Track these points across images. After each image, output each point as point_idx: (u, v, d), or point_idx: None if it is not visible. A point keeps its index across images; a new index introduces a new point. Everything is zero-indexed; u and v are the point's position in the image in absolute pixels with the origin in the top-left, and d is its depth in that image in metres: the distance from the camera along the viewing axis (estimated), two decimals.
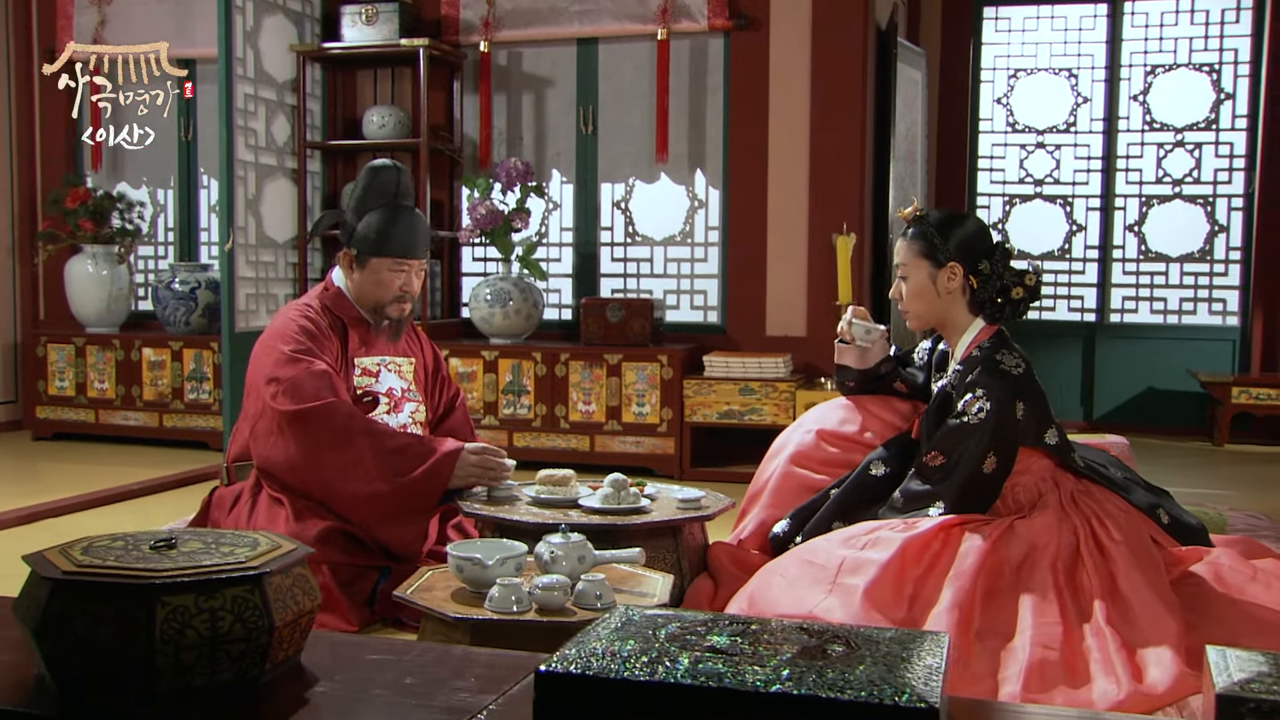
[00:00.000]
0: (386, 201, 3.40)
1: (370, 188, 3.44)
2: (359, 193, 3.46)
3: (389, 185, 3.44)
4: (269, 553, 1.43)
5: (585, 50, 5.99)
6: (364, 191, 3.45)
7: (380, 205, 3.40)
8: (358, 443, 3.10)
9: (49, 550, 1.44)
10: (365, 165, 3.54)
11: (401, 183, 3.46)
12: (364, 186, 3.45)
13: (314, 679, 1.42)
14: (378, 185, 3.43)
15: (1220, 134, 7.26)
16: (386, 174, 3.45)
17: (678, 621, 1.32)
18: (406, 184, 3.48)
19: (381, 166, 3.48)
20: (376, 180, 3.44)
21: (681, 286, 6.02)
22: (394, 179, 3.45)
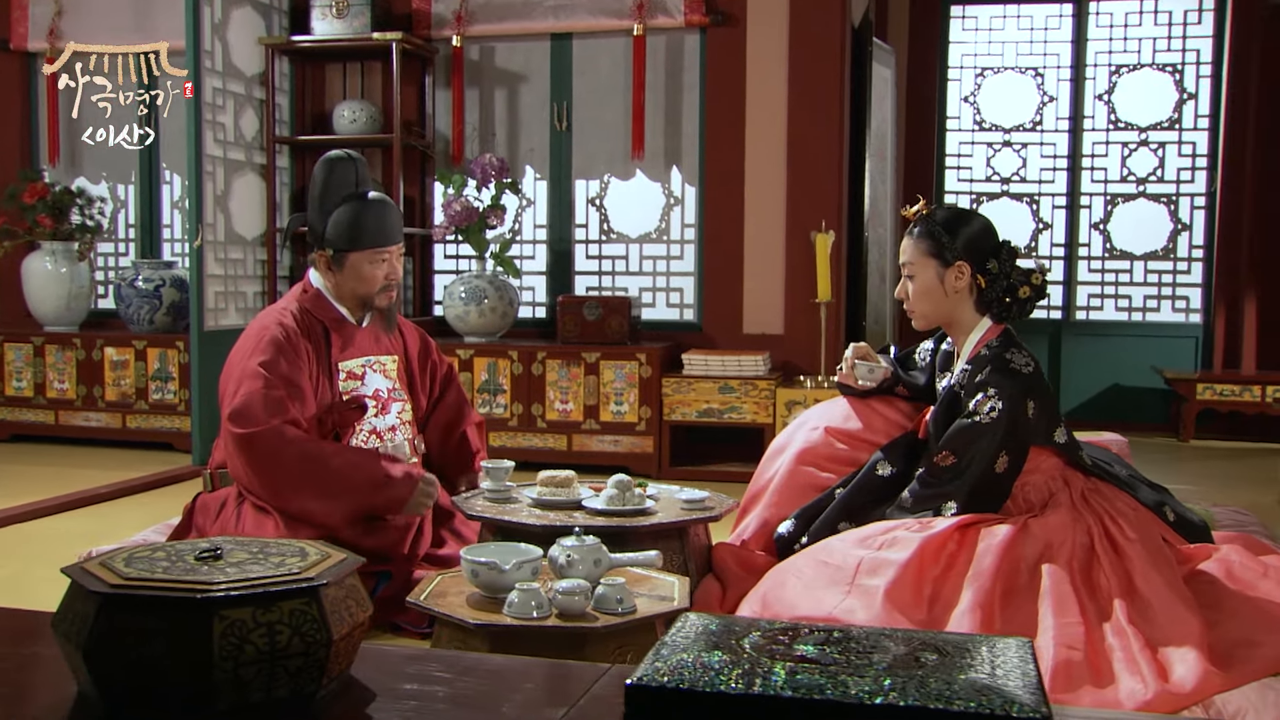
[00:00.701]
0: (348, 194, 3.30)
1: (329, 183, 3.30)
2: (318, 190, 3.31)
3: (348, 177, 3.31)
4: (321, 562, 1.37)
5: (559, 45, 5.93)
6: (323, 188, 3.31)
7: (344, 199, 3.29)
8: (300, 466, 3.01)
9: (87, 563, 1.37)
10: (320, 160, 3.37)
11: (360, 172, 3.34)
12: (322, 183, 3.30)
13: (370, 694, 1.36)
14: (336, 179, 3.30)
15: (1183, 133, 7.35)
16: (342, 166, 3.32)
17: (757, 630, 1.28)
18: (364, 173, 3.37)
19: (336, 159, 3.33)
20: (334, 174, 3.30)
21: (657, 284, 5.99)
22: (351, 170, 3.32)
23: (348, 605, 1.37)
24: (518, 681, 1.42)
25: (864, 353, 3.11)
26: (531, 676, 1.46)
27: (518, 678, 1.43)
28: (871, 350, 3.15)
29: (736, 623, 1.31)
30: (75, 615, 1.29)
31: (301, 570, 1.33)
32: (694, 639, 1.25)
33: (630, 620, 2.24)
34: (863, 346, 3.13)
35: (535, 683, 1.42)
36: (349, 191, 3.26)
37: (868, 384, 3.09)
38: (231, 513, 3.12)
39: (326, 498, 2.99)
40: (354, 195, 3.26)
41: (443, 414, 3.58)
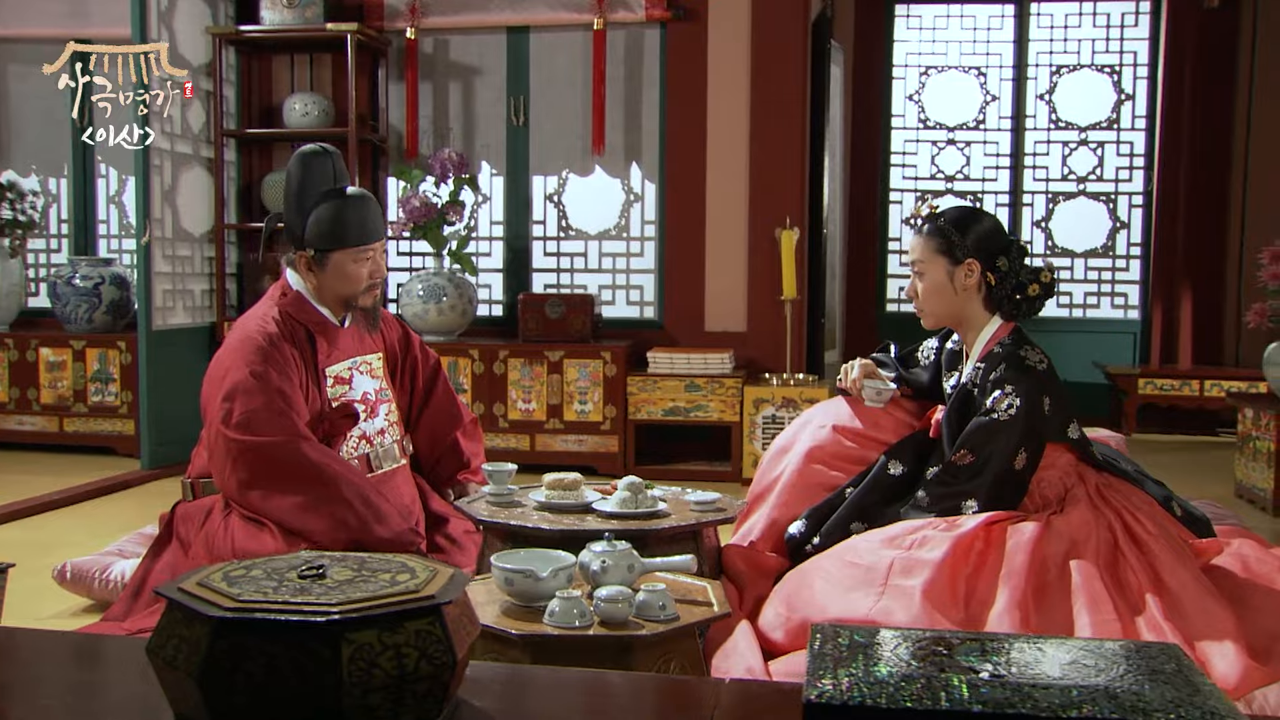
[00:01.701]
0: (327, 190, 3.16)
1: (306, 180, 3.15)
2: (295, 187, 3.16)
3: (325, 172, 3.17)
4: (435, 579, 1.29)
5: (516, 39, 5.83)
6: (300, 185, 3.15)
7: (322, 196, 3.15)
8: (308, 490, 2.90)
9: (184, 582, 1.27)
10: (294, 155, 3.22)
11: (337, 167, 3.20)
12: (299, 179, 3.15)
13: (488, 716, 1.29)
14: (313, 175, 3.15)
15: (1121, 133, 7.50)
16: (319, 162, 3.17)
17: (909, 640, 1.23)
18: (341, 167, 3.23)
19: (311, 154, 3.17)
20: (310, 170, 3.15)
21: (617, 282, 5.92)
22: (328, 165, 3.18)
23: (463, 623, 1.30)
24: (630, 696, 1.35)
25: (870, 371, 3.07)
26: (643, 692, 1.39)
27: (629, 693, 1.37)
28: (876, 368, 3.11)
29: (885, 633, 1.26)
30: (182, 641, 1.20)
31: (420, 588, 1.25)
32: (845, 652, 1.20)
33: (675, 627, 2.18)
34: (869, 365, 3.09)
35: (650, 698, 1.36)
36: (327, 188, 3.13)
37: (875, 406, 3.05)
38: (218, 524, 2.99)
39: (330, 522, 2.88)
40: (333, 192, 3.13)
41: (432, 416, 3.47)
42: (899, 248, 7.71)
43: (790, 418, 5.16)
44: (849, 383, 3.06)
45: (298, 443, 2.92)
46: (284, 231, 3.20)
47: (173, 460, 5.33)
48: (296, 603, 1.18)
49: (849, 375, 3.07)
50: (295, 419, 2.96)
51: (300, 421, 2.98)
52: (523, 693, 1.33)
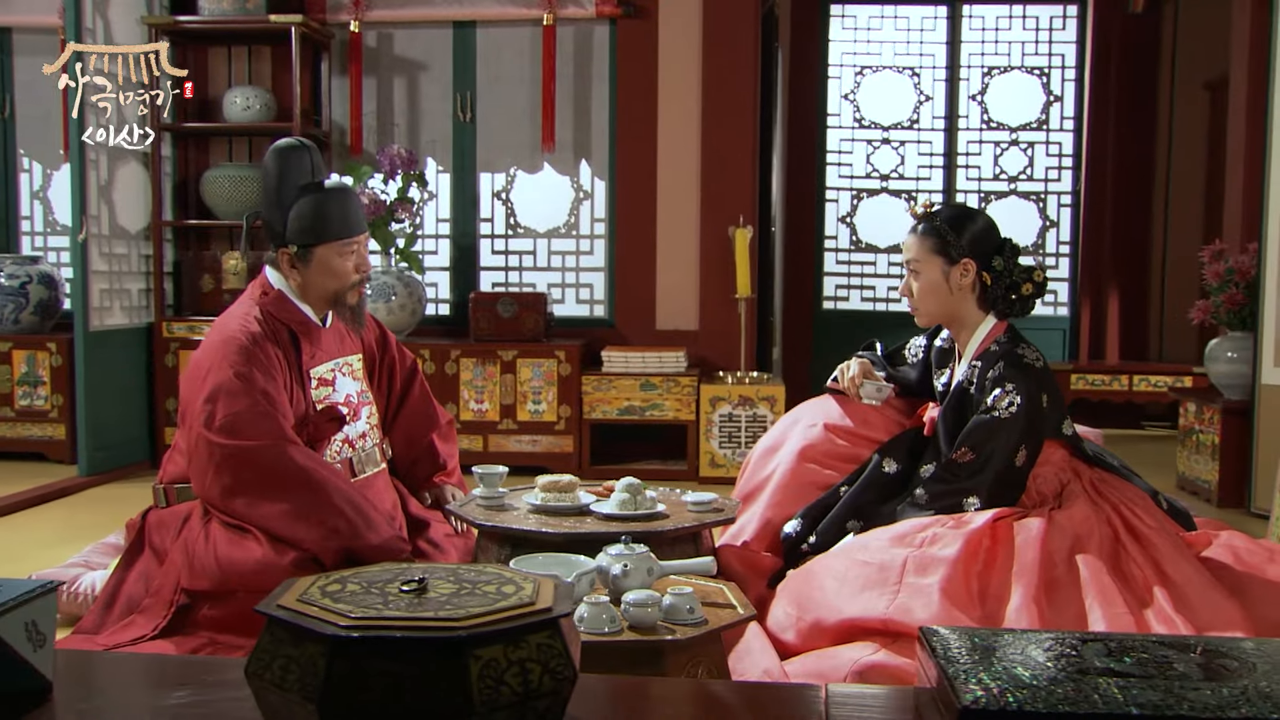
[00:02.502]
0: (305, 184, 3.08)
1: (285, 174, 3.05)
2: (273, 183, 3.06)
3: (304, 166, 3.09)
4: (543, 589, 1.25)
5: (462, 34, 5.74)
6: (279, 180, 3.06)
7: (301, 190, 3.06)
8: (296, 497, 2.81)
9: (280, 599, 1.21)
10: (270, 150, 3.12)
11: (314, 160, 3.12)
12: (277, 174, 3.06)
13: None
14: (293, 170, 3.06)
15: (1050, 134, 7.66)
16: (297, 156, 3.08)
17: (1032, 641, 1.22)
18: (319, 161, 3.15)
19: (288, 149, 3.08)
20: (288, 165, 3.06)
21: (567, 280, 5.87)
22: (306, 159, 3.09)
23: (573, 635, 1.26)
24: (743, 707, 1.32)
25: (868, 370, 3.08)
26: (748, 700, 1.36)
27: (738, 702, 1.34)
28: (872, 368, 3.11)
29: (1006, 634, 1.25)
30: (291, 661, 1.14)
31: (533, 600, 1.21)
32: (970, 655, 1.19)
33: (706, 631, 2.15)
34: (867, 364, 3.10)
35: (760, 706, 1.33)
36: (305, 182, 3.04)
37: (873, 403, 3.05)
38: (198, 531, 2.87)
39: (321, 531, 2.78)
40: (312, 185, 3.04)
41: (408, 417, 3.39)
42: (835, 246, 7.78)
43: (747, 416, 5.17)
44: (846, 381, 3.05)
45: (284, 446, 2.82)
46: (263, 229, 3.09)
47: (111, 466, 5.15)
48: (419, 618, 1.13)
49: (846, 374, 3.06)
50: (281, 422, 2.86)
51: (286, 424, 2.88)
52: (631, 705, 1.29)
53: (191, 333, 5.39)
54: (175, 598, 2.84)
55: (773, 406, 5.17)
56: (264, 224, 3.09)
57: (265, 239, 3.11)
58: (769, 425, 5.14)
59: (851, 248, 7.79)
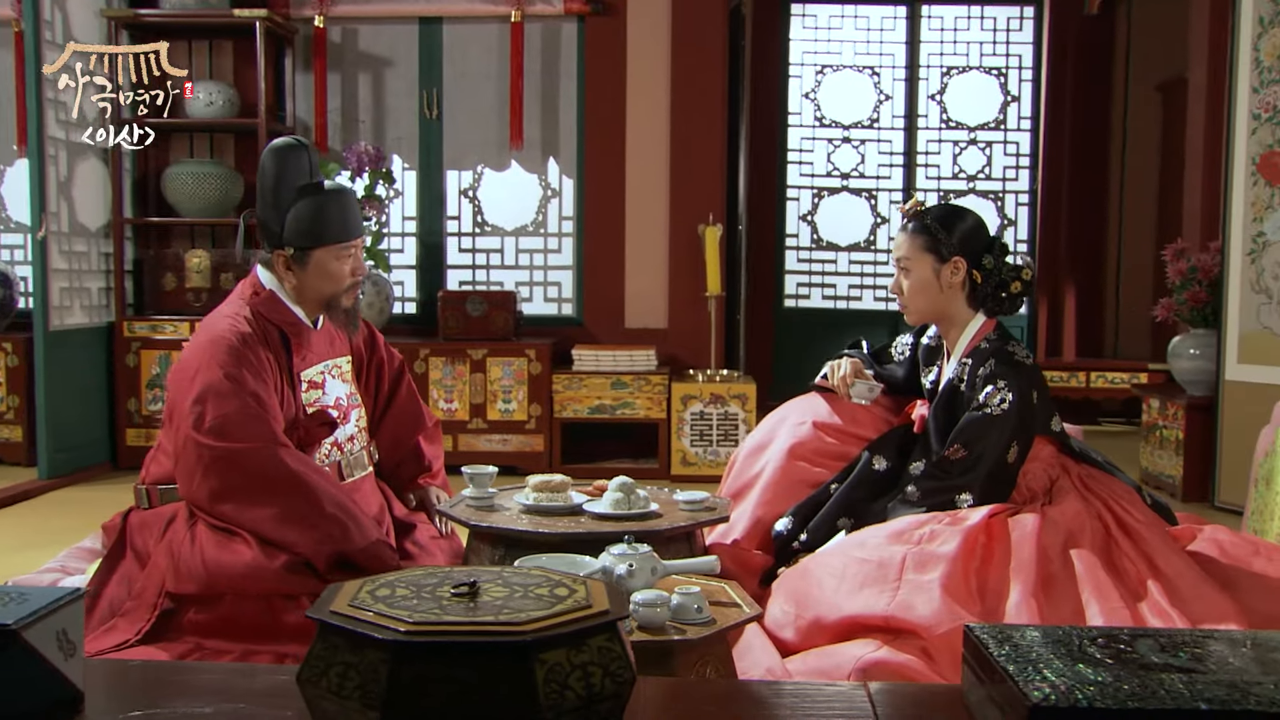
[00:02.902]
0: (304, 185, 3.03)
1: (283, 174, 2.99)
2: (270, 183, 2.99)
3: (302, 166, 3.03)
4: (596, 593, 1.23)
5: (428, 30, 5.70)
6: (276, 181, 3.00)
7: (300, 191, 3.01)
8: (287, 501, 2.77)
9: (332, 604, 1.19)
10: (266, 149, 3.07)
11: (312, 160, 3.08)
12: (275, 175, 2.99)
13: None
14: (289, 170, 3.00)
15: (1008, 134, 7.76)
16: (295, 155, 3.03)
17: (1089, 637, 1.23)
18: (316, 160, 3.11)
19: (286, 148, 3.01)
20: (285, 165, 2.99)
21: (535, 278, 5.84)
22: (304, 158, 3.04)
23: (628, 639, 1.24)
24: (790, 709, 1.32)
25: (858, 369, 3.09)
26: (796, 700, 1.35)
27: (786, 704, 1.33)
28: (862, 367, 3.12)
29: (1047, 630, 1.25)
30: (351, 668, 1.12)
31: (590, 602, 1.19)
32: (1032, 652, 1.19)
33: (715, 630, 2.14)
34: (858, 363, 3.11)
35: (809, 706, 1.32)
36: (304, 182, 2.99)
37: (863, 402, 3.06)
38: (183, 534, 2.81)
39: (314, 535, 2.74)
40: (311, 186, 2.99)
41: (395, 418, 3.35)
42: (796, 244, 7.81)
43: (718, 414, 5.18)
44: (836, 380, 3.06)
45: (275, 450, 2.78)
46: (259, 229, 3.03)
47: (72, 468, 5.05)
48: (480, 623, 1.11)
49: (836, 373, 3.07)
50: (272, 424, 2.81)
51: (277, 427, 2.83)
52: (684, 707, 1.28)
53: (154, 332, 5.29)
54: (159, 601, 2.78)
55: (744, 404, 5.18)
56: (259, 224, 3.03)
57: (259, 239, 3.05)
58: (740, 423, 5.16)
59: (812, 246, 7.83)
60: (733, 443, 5.18)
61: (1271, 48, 4.41)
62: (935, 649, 2.31)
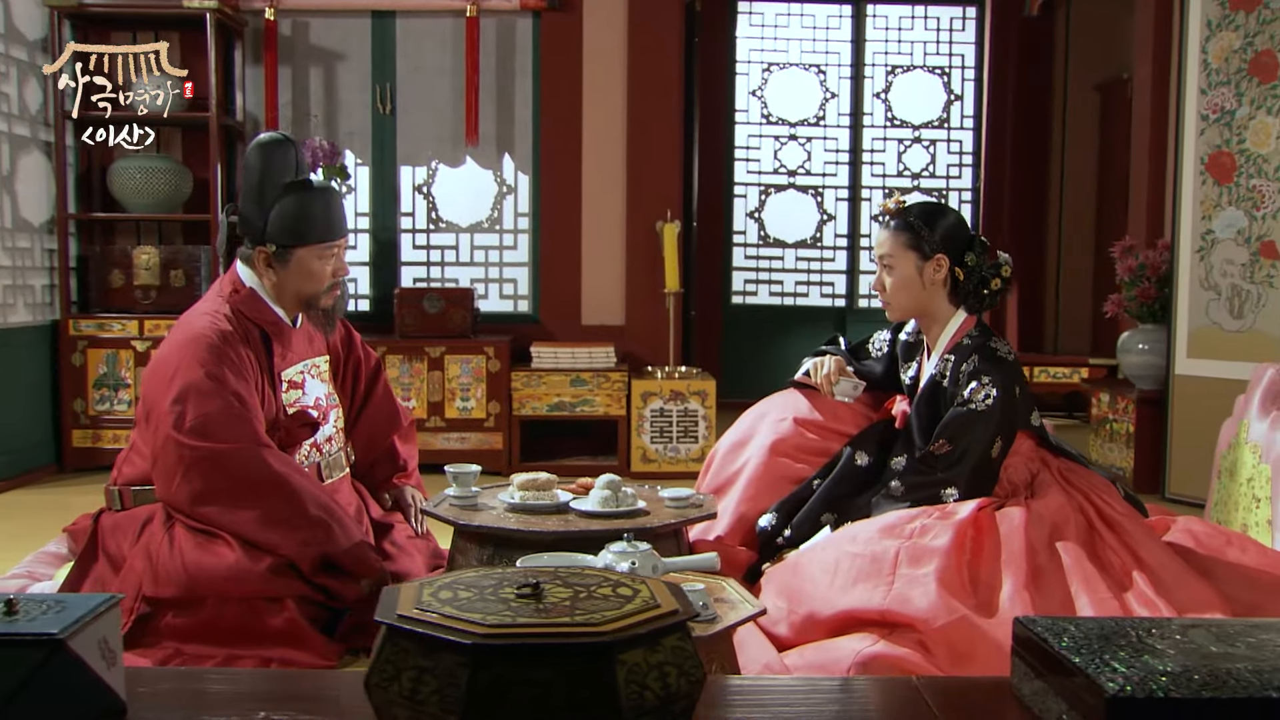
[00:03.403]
0: (290, 182, 2.98)
1: (268, 171, 2.95)
2: (255, 179, 2.96)
3: (287, 164, 2.99)
4: (660, 592, 1.23)
5: (381, 24, 5.62)
6: (261, 176, 2.95)
7: (285, 189, 2.97)
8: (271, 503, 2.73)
9: (398, 607, 1.17)
10: (252, 144, 3.03)
11: (298, 157, 3.04)
12: (259, 171, 2.96)
13: None
14: (275, 167, 2.96)
15: (951, 132, 7.87)
16: (281, 152, 2.98)
17: (1144, 628, 1.25)
18: (302, 157, 3.07)
19: (272, 143, 2.99)
20: (271, 161, 2.96)
21: (490, 275, 5.80)
22: (290, 155, 3.00)
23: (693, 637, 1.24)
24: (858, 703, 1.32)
25: (842, 367, 3.11)
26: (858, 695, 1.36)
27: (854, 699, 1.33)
28: (845, 365, 3.14)
29: (1098, 623, 1.27)
30: (426, 672, 1.10)
31: (657, 602, 1.19)
32: (1094, 644, 1.21)
33: (722, 628, 2.14)
34: (841, 361, 3.13)
35: (867, 701, 1.33)
36: (289, 179, 2.94)
37: (846, 400, 3.08)
38: (160, 536, 2.75)
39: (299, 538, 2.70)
40: (297, 184, 2.94)
41: (371, 418, 3.31)
42: (744, 241, 7.85)
43: (678, 410, 5.19)
44: (820, 378, 3.08)
45: (258, 450, 2.73)
46: (240, 225, 2.97)
47: (15, 471, 4.91)
48: (557, 624, 1.10)
49: (820, 371, 3.09)
50: (255, 424, 2.77)
51: (260, 427, 2.78)
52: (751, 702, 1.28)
53: (101, 330, 5.17)
54: (135, 606, 2.72)
55: (704, 401, 5.20)
56: (241, 220, 2.97)
57: (242, 235, 2.99)
58: (700, 420, 5.17)
59: (760, 243, 7.88)
60: (693, 439, 5.19)
61: (1219, 51, 4.52)
62: (932, 642, 2.34)
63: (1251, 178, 4.42)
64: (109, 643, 1.27)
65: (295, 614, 2.65)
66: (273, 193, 2.91)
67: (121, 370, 5.17)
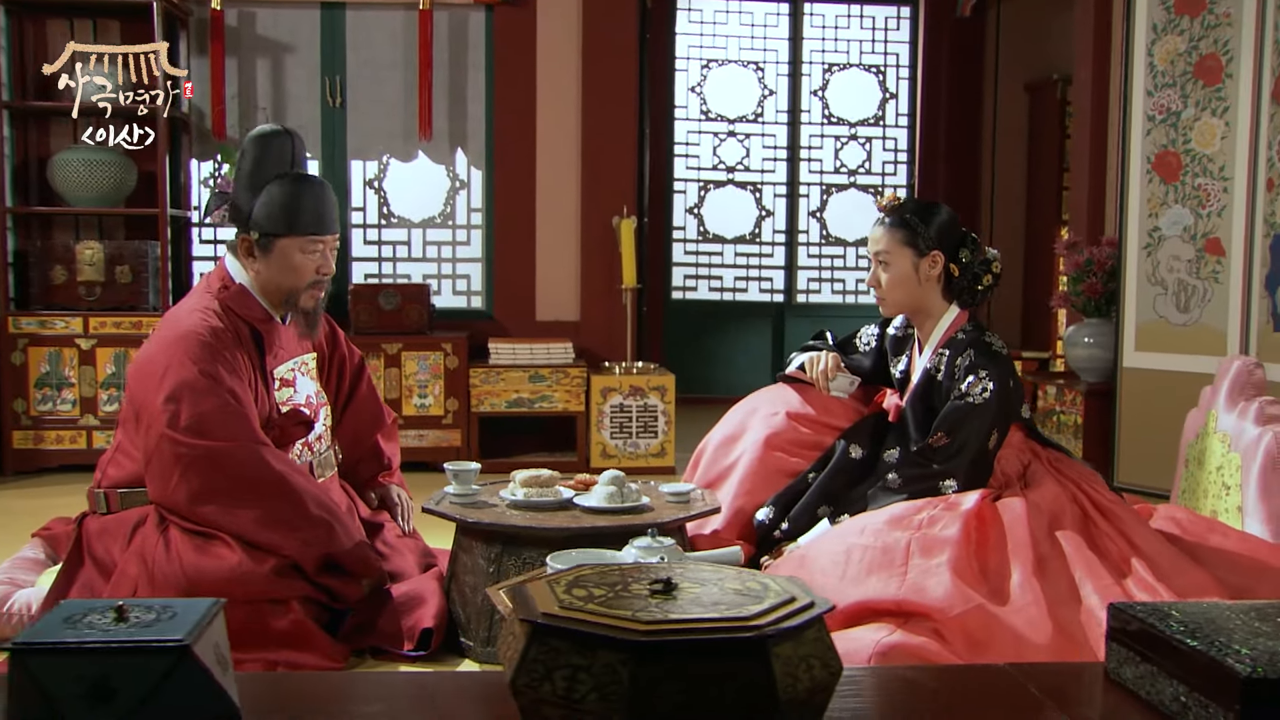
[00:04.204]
0: (282, 172, 2.94)
1: (262, 160, 2.92)
2: (249, 166, 2.92)
3: (284, 154, 2.95)
4: (791, 587, 1.24)
5: (331, 16, 5.53)
6: (255, 164, 2.92)
7: (277, 177, 2.93)
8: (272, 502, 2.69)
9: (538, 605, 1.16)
10: (249, 135, 3.00)
11: (297, 150, 3.00)
12: (254, 159, 2.92)
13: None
14: (271, 156, 2.92)
15: (886, 130, 8.00)
16: (279, 142, 2.95)
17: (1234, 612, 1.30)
18: (301, 151, 3.03)
19: (270, 134, 2.95)
20: (268, 150, 2.92)
21: (443, 271, 5.75)
22: (288, 146, 2.97)
23: None
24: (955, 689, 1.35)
25: (838, 364, 3.15)
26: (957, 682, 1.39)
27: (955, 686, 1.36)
28: (840, 362, 3.19)
29: (1196, 608, 1.32)
30: (582, 670, 1.10)
31: (793, 596, 1.20)
32: (1206, 627, 1.25)
33: None
34: (837, 357, 3.17)
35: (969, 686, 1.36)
36: (283, 170, 2.89)
37: (841, 396, 3.14)
38: (154, 539, 2.68)
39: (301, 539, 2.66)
40: (290, 175, 2.89)
41: (355, 416, 3.26)
42: (683, 236, 7.89)
43: (638, 406, 5.20)
44: (817, 374, 3.12)
45: (257, 449, 2.68)
46: (229, 211, 2.92)
47: None
48: (711, 619, 1.11)
49: (816, 367, 3.13)
50: (252, 422, 2.71)
51: (256, 425, 2.73)
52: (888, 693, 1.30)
53: (43, 328, 5.01)
54: None
55: (663, 396, 5.22)
56: (231, 206, 2.92)
57: (230, 222, 2.93)
58: (660, 415, 5.19)
59: (699, 238, 7.92)
60: (652, 435, 5.21)
61: (1164, 54, 4.68)
62: (948, 630, 2.39)
63: (1197, 177, 4.58)
64: (220, 648, 1.25)
65: (301, 615, 2.61)
66: (264, 181, 2.87)
67: (65, 369, 5.02)
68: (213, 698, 1.19)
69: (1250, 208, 4.41)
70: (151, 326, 5.02)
